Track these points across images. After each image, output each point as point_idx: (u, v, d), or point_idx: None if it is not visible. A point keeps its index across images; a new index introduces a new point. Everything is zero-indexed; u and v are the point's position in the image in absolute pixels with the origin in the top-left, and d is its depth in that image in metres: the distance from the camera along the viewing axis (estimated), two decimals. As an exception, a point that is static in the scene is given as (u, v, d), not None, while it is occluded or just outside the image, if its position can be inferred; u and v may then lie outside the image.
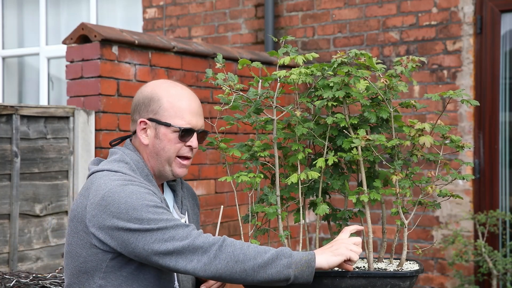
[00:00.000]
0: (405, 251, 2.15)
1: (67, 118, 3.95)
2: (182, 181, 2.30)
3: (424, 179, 2.18)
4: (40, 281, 2.75)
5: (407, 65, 2.20)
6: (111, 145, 2.22)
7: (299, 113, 2.16)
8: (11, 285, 2.68)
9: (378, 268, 2.15)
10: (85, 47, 4.06)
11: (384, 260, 2.26)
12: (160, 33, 6.41)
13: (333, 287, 2.00)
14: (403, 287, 2.02)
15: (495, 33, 4.94)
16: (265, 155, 2.19)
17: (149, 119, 2.12)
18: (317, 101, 2.16)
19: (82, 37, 4.08)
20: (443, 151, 2.18)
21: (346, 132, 2.16)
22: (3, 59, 7.29)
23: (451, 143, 2.18)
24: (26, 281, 2.73)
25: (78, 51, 4.09)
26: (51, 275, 2.82)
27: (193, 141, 2.14)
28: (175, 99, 2.12)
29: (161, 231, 1.93)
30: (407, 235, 2.18)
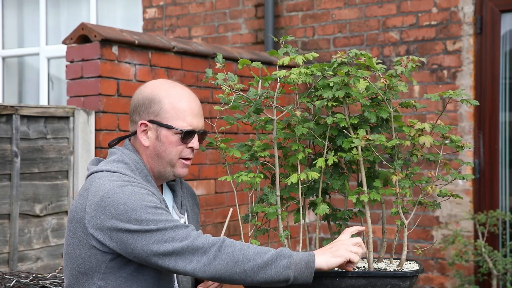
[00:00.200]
0: (405, 251, 2.15)
1: (67, 118, 3.94)
2: (181, 180, 2.29)
3: (424, 179, 2.18)
4: (40, 281, 2.75)
5: (407, 65, 2.19)
6: (110, 146, 2.21)
7: (299, 113, 2.15)
8: (11, 285, 2.68)
9: (378, 268, 2.15)
10: (85, 47, 4.06)
11: (384, 260, 2.25)
12: (160, 33, 6.40)
13: (333, 287, 2.01)
14: (403, 287, 2.02)
15: (495, 33, 4.94)
16: (265, 155, 2.19)
17: (150, 121, 2.11)
18: (317, 101, 2.15)
19: (82, 37, 4.08)
20: (443, 151, 2.18)
21: (346, 132, 2.15)
22: (3, 59, 7.29)
23: (451, 143, 2.18)
24: (26, 281, 2.73)
25: (78, 51, 4.09)
26: (51, 275, 2.82)
27: (195, 143, 2.13)
28: (176, 100, 2.11)
29: (160, 232, 1.92)
30: (407, 235, 2.18)
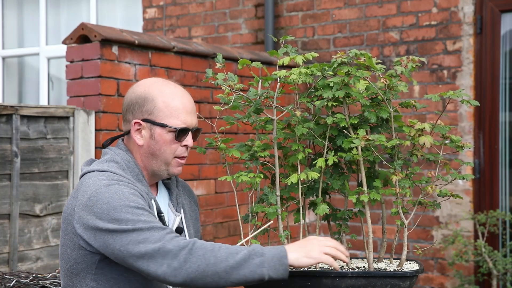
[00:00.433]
0: (405, 251, 2.15)
1: (67, 118, 3.94)
2: (177, 178, 2.27)
3: (424, 179, 2.18)
4: (40, 281, 2.75)
5: (407, 65, 2.19)
6: (103, 146, 2.19)
7: (299, 113, 2.15)
8: (11, 285, 2.68)
9: (378, 268, 2.15)
10: (85, 47, 4.06)
11: (384, 260, 2.25)
12: (160, 33, 6.40)
13: (333, 287, 2.01)
14: (403, 287, 2.02)
15: (495, 33, 4.94)
16: (265, 155, 2.19)
17: (144, 120, 2.10)
18: (317, 101, 2.15)
19: (82, 37, 4.08)
20: (443, 151, 2.18)
21: (346, 132, 2.15)
22: (3, 59, 7.29)
23: (451, 143, 2.18)
24: (26, 281, 2.73)
25: (78, 51, 4.09)
26: (51, 275, 2.82)
27: (189, 140, 2.12)
28: (169, 98, 2.10)
29: (136, 232, 1.87)
30: (407, 235, 2.18)
